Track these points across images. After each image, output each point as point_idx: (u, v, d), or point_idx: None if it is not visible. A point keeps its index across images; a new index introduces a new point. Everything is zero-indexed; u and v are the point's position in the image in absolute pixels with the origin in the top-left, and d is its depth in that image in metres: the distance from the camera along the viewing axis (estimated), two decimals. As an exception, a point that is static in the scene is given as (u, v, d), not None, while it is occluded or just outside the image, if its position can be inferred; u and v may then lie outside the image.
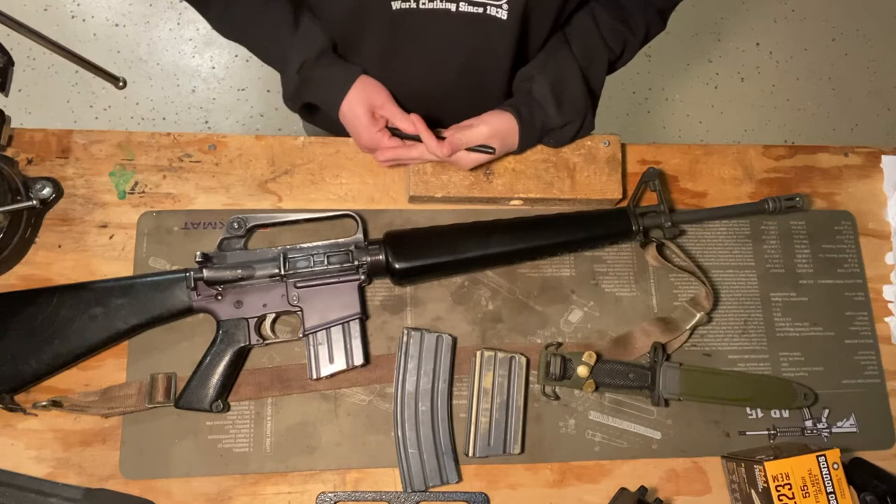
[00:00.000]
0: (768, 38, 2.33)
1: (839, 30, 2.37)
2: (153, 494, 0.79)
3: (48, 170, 0.89)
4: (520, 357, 0.85)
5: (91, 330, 0.79)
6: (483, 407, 0.83)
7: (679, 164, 1.00)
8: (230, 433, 0.82)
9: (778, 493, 0.76)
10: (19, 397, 0.80)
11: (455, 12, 0.80)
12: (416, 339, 0.84)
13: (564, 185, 0.91)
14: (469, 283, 0.91)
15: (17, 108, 1.95)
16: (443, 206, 0.93)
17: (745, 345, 0.93)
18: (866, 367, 0.94)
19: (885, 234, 1.00)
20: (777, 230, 0.98)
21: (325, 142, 0.95)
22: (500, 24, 0.81)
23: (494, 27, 0.81)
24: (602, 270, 0.93)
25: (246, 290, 0.82)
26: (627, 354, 0.89)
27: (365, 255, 0.83)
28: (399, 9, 0.80)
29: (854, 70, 2.34)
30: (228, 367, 0.81)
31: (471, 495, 0.82)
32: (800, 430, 0.90)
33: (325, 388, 0.84)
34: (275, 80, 2.14)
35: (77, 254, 0.86)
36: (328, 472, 0.82)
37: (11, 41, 1.36)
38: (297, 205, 0.92)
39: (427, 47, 0.86)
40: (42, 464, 0.79)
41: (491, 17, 0.80)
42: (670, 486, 0.86)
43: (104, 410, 0.79)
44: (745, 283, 0.95)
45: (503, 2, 0.78)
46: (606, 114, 2.20)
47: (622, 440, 0.87)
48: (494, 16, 0.80)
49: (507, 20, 0.80)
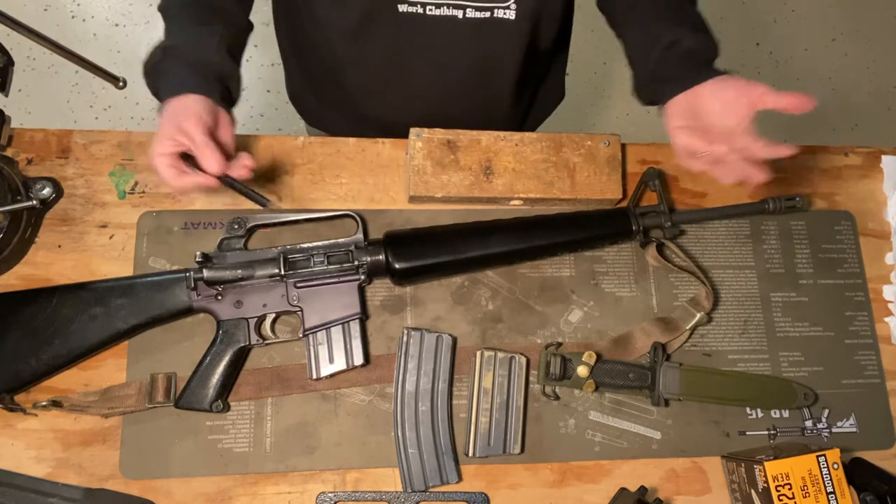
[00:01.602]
0: (768, 38, 2.33)
1: (839, 30, 2.37)
2: (153, 494, 0.79)
3: (48, 170, 0.89)
4: (520, 357, 0.85)
5: (91, 330, 0.79)
6: (483, 407, 0.83)
7: (679, 164, 1.00)
8: (230, 433, 0.82)
9: (778, 493, 0.76)
10: (19, 397, 0.80)
11: (462, 19, 0.80)
12: (416, 339, 0.84)
13: (564, 185, 0.91)
14: (469, 283, 0.91)
15: (17, 108, 1.95)
16: (443, 206, 0.93)
17: (745, 345, 0.93)
18: (866, 367, 0.94)
19: (885, 234, 1.00)
20: (777, 230, 0.98)
21: (325, 142, 0.95)
22: (508, 25, 0.81)
23: (502, 29, 0.81)
24: (602, 270, 0.93)
25: (246, 290, 0.82)
26: (627, 354, 0.89)
27: (365, 255, 0.83)
28: (406, 12, 0.80)
29: (854, 70, 2.34)
30: (228, 367, 0.81)
31: (471, 495, 0.82)
32: (800, 430, 0.90)
33: (325, 388, 0.84)
34: (275, 80, 2.15)
35: (77, 254, 0.86)
36: (328, 472, 0.82)
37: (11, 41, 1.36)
38: (297, 205, 0.92)
39: (434, 54, 0.86)
40: (42, 464, 0.79)
41: (499, 20, 0.80)
42: (670, 486, 0.86)
43: (104, 410, 0.79)
44: (745, 283, 0.95)
45: (511, 2, 0.78)
46: (606, 114, 2.20)
47: (622, 440, 0.87)
48: (502, 17, 0.80)
49: (516, 20, 0.80)
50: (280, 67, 1.13)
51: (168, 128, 0.73)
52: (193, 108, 0.73)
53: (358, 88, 0.98)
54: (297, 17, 0.94)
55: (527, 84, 1.01)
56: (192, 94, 0.74)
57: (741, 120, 0.73)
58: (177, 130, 0.72)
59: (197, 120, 0.72)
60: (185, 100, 0.74)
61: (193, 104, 0.74)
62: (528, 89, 1.04)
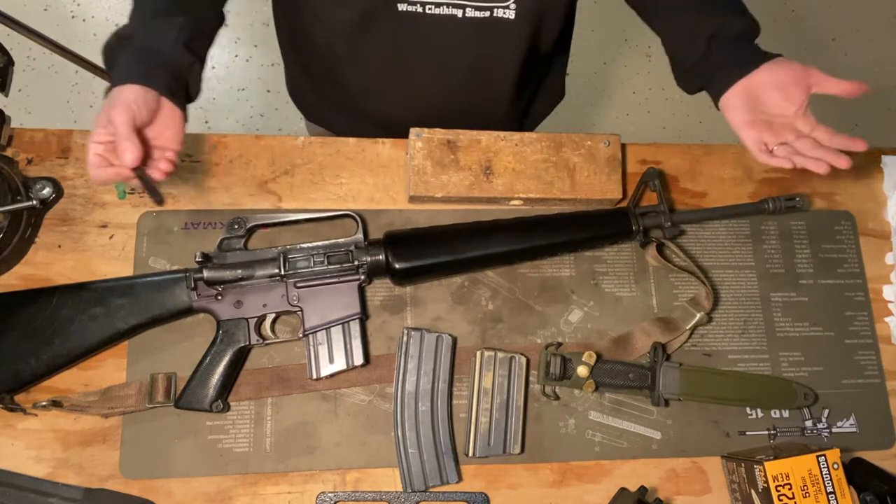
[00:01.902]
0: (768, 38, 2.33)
1: (839, 30, 2.37)
2: (153, 494, 0.79)
3: (48, 170, 0.89)
4: (520, 357, 0.85)
5: (91, 330, 0.79)
6: (483, 407, 0.83)
7: (679, 164, 1.00)
8: (230, 433, 0.82)
9: (778, 493, 0.76)
10: (19, 397, 0.80)
11: (462, 18, 0.80)
12: (416, 339, 0.84)
13: (564, 185, 0.91)
14: (469, 283, 0.91)
15: (17, 108, 1.95)
16: (443, 206, 0.93)
17: (745, 345, 0.93)
18: (866, 367, 0.94)
19: (885, 234, 1.00)
20: (777, 230, 0.98)
21: (325, 142, 0.95)
22: (507, 24, 0.80)
23: (502, 29, 0.81)
24: (602, 270, 0.93)
25: (246, 290, 0.82)
26: (627, 354, 0.89)
27: (365, 255, 0.83)
28: (405, 11, 0.79)
29: (854, 70, 2.34)
30: (228, 367, 0.81)
31: (471, 495, 0.82)
32: (800, 430, 0.90)
33: (325, 388, 0.84)
34: (275, 80, 2.15)
35: (77, 254, 0.86)
36: (328, 472, 0.82)
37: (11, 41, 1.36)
38: (297, 205, 0.91)
39: (434, 53, 0.86)
40: (42, 464, 0.79)
41: (498, 20, 0.80)
42: (670, 486, 0.86)
43: (104, 410, 0.79)
44: (745, 283, 0.95)
45: (510, 2, 0.78)
46: (606, 114, 2.20)
47: (622, 440, 0.87)
48: (502, 17, 0.80)
49: (515, 20, 0.80)
50: (280, 67, 1.13)
51: (101, 116, 0.72)
52: (125, 98, 0.72)
53: (357, 86, 0.98)
54: (298, 14, 0.95)
55: (527, 83, 1.01)
56: (133, 84, 0.73)
57: (800, 105, 0.74)
58: (106, 120, 0.71)
59: (124, 110, 0.71)
60: (124, 89, 0.73)
61: (128, 94, 0.72)
62: (527, 88, 1.04)
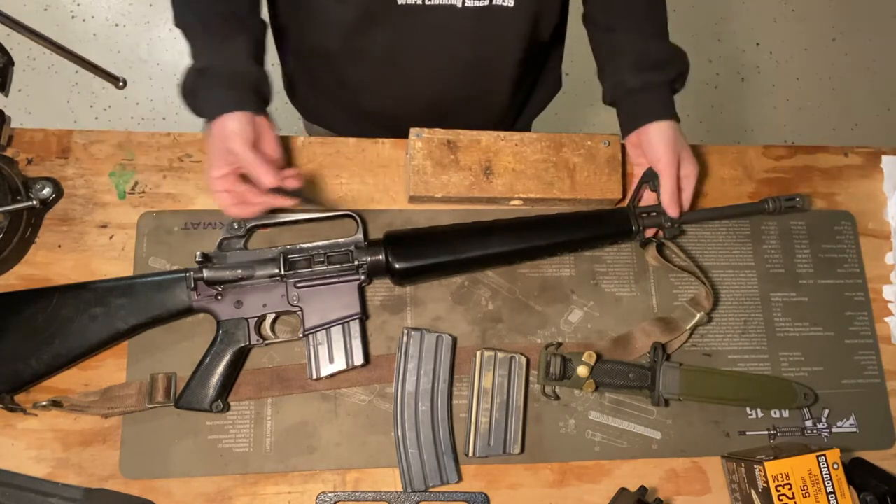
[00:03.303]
0: (768, 38, 2.33)
1: (839, 30, 2.37)
2: (153, 494, 0.79)
3: (48, 170, 0.89)
4: (520, 357, 0.85)
5: (91, 330, 0.79)
6: (483, 407, 0.83)
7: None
8: (230, 433, 0.82)
9: (778, 493, 0.76)
10: (19, 397, 0.80)
11: (461, 7, 0.80)
12: (416, 339, 0.84)
13: (564, 185, 0.91)
14: (469, 283, 0.91)
15: (17, 108, 1.95)
16: (443, 206, 0.93)
17: (745, 345, 0.93)
18: (866, 367, 0.94)
19: (885, 234, 1.00)
20: (777, 230, 0.98)
21: (325, 142, 0.95)
22: (506, 13, 0.81)
23: (501, 18, 0.81)
24: (602, 270, 0.93)
25: (246, 290, 0.82)
26: (627, 354, 0.89)
27: (365, 255, 0.83)
28: (405, 4, 0.80)
29: (854, 70, 2.34)
30: (228, 367, 0.81)
31: (471, 495, 0.82)
32: (800, 430, 0.90)
33: (325, 388, 0.84)
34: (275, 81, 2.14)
35: (77, 254, 0.86)
36: (328, 472, 0.82)
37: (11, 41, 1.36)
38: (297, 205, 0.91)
39: (433, 45, 0.86)
40: (42, 464, 0.79)
41: (498, 7, 0.80)
42: (670, 486, 0.86)
43: (104, 410, 0.79)
44: (745, 283, 0.95)
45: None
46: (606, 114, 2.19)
47: (622, 440, 0.87)
48: (501, 5, 0.80)
49: (514, 8, 0.80)
50: (279, 68, 1.13)
51: (216, 152, 0.78)
52: (234, 129, 0.77)
53: (357, 83, 0.98)
54: (295, 14, 0.94)
55: (526, 74, 1.01)
56: (232, 113, 0.77)
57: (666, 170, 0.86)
58: (225, 152, 0.76)
59: (240, 139, 0.76)
60: (226, 120, 0.77)
61: (233, 123, 0.77)
62: (527, 78, 1.04)
